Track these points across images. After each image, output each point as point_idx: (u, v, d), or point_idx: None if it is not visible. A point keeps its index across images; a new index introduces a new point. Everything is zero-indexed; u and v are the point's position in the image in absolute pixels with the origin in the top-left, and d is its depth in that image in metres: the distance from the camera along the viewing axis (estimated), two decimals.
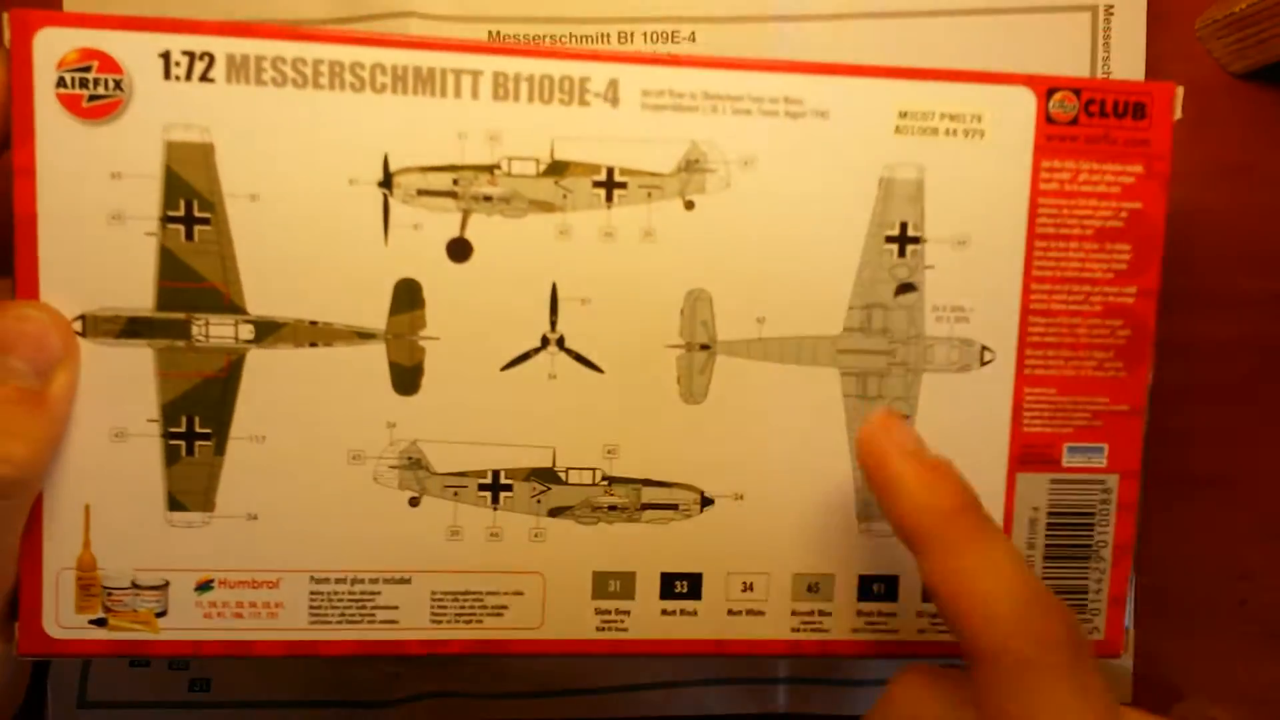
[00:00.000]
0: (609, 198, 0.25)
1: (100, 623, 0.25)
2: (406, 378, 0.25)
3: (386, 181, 0.25)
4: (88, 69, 0.23)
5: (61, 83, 0.23)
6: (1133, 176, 0.27)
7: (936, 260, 0.27)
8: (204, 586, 0.25)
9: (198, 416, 0.25)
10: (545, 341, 0.26)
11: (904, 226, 0.26)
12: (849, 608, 0.28)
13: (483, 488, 0.26)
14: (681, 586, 0.27)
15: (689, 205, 0.26)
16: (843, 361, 0.27)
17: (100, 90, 0.23)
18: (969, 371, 0.27)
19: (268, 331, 0.25)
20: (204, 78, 0.24)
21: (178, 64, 0.24)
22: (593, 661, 0.26)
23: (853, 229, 0.26)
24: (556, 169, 0.25)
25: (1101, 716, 0.21)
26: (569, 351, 0.26)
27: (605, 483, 0.26)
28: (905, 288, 0.27)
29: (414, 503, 0.26)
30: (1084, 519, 0.28)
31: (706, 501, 0.27)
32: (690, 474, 0.26)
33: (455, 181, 0.25)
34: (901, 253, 0.26)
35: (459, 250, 0.25)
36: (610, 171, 0.25)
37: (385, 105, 0.24)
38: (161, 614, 0.25)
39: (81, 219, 0.24)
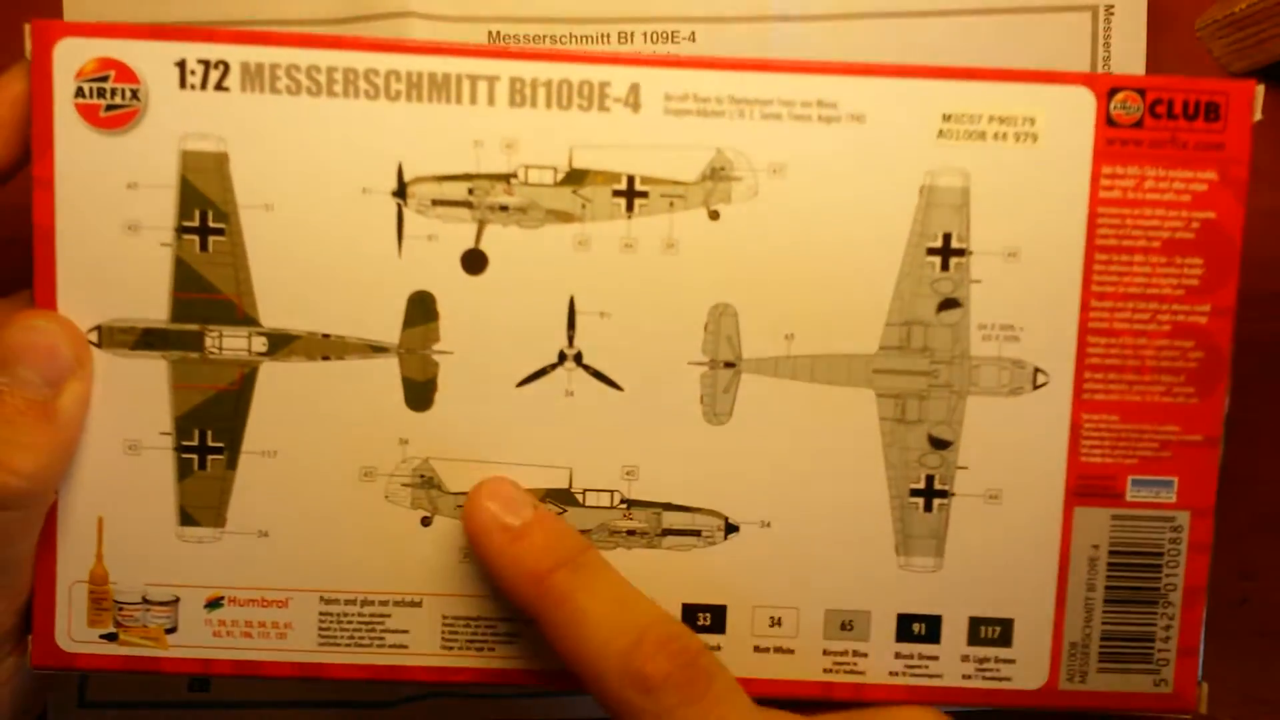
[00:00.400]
0: (629, 207, 0.25)
1: (111, 637, 0.25)
2: (419, 393, 0.25)
3: (400, 191, 0.25)
4: (105, 79, 0.24)
5: (80, 93, 0.24)
6: (1205, 184, 0.25)
7: (984, 274, 0.25)
8: (214, 604, 0.25)
9: (210, 430, 0.25)
10: (562, 357, 0.25)
11: (947, 238, 0.25)
12: (886, 649, 0.26)
13: None
14: (704, 619, 0.26)
15: (714, 215, 0.25)
16: (879, 382, 0.25)
17: (117, 100, 0.24)
18: (1020, 395, 0.26)
19: (281, 344, 0.25)
20: (219, 86, 0.24)
21: (193, 73, 0.24)
22: None
23: (891, 240, 0.25)
24: (575, 178, 0.25)
25: None
26: (587, 368, 0.25)
27: (624, 506, 0.26)
28: (949, 303, 0.25)
29: (426, 522, 0.25)
30: (1151, 559, 0.26)
31: (731, 528, 0.26)
32: (714, 499, 0.26)
33: (470, 191, 0.25)
34: (945, 266, 0.25)
35: (474, 262, 0.25)
36: (631, 180, 0.25)
37: (400, 113, 0.24)
38: (171, 630, 0.25)
39: (98, 230, 0.24)
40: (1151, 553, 0.26)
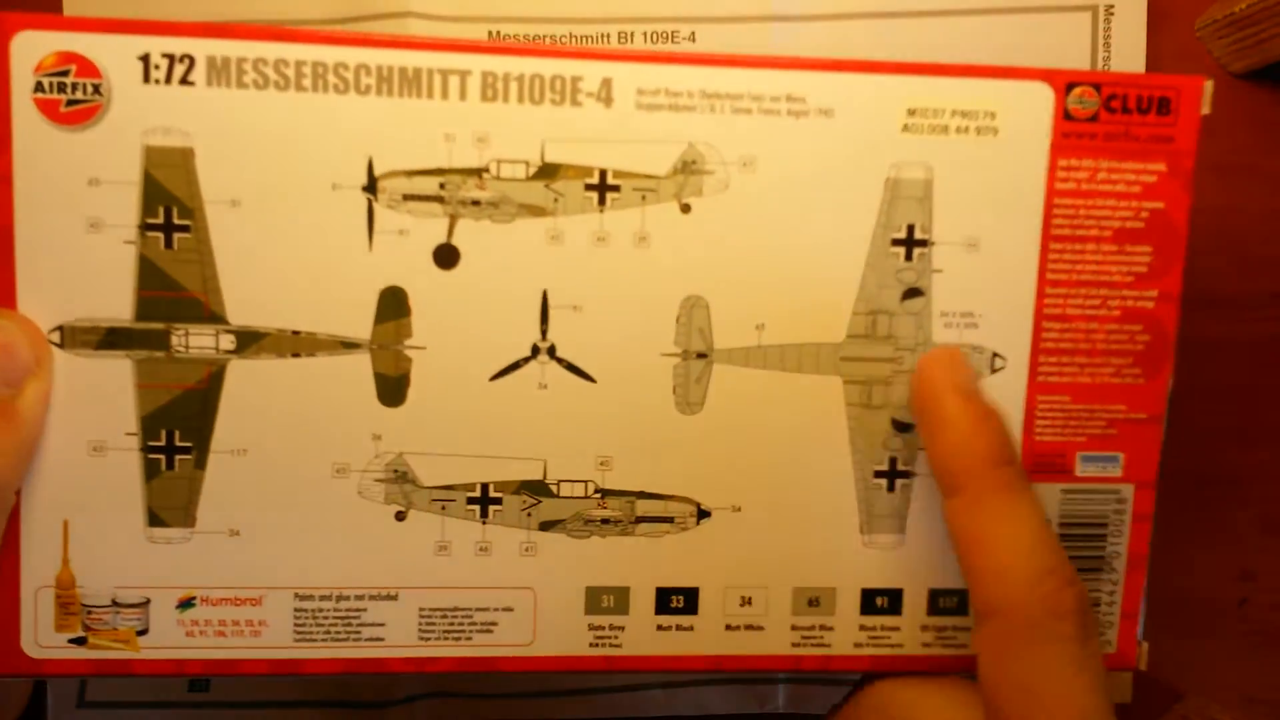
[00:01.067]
0: (601, 201, 0.27)
1: (80, 641, 0.27)
2: (392, 388, 0.28)
3: (371, 186, 0.27)
4: (65, 73, 0.25)
5: (39, 87, 0.25)
6: (1155, 175, 0.29)
7: (945, 264, 0.29)
8: (186, 604, 0.28)
9: (178, 429, 0.27)
10: (536, 350, 0.28)
11: (911, 229, 0.28)
12: (851, 622, 0.30)
13: (471, 501, 0.28)
14: (677, 601, 0.29)
15: (685, 208, 0.28)
16: (846, 370, 0.29)
17: (79, 95, 0.25)
18: (979, 378, 0.29)
19: (249, 342, 0.27)
20: (184, 81, 0.26)
21: (157, 67, 0.26)
22: None
23: (857, 232, 0.28)
24: (547, 172, 0.27)
25: (1096, 697, 0.24)
26: (560, 360, 0.28)
27: (598, 495, 0.28)
28: (912, 293, 0.29)
29: (400, 517, 0.28)
30: (1097, 529, 0.30)
31: (703, 514, 0.29)
32: (686, 486, 0.29)
33: (442, 185, 0.27)
34: (908, 256, 0.28)
35: (446, 257, 0.27)
36: (603, 174, 0.27)
37: (369, 107, 0.26)
38: (143, 632, 0.28)
39: (59, 227, 0.26)
40: (1098, 523, 0.30)
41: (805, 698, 0.37)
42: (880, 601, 0.30)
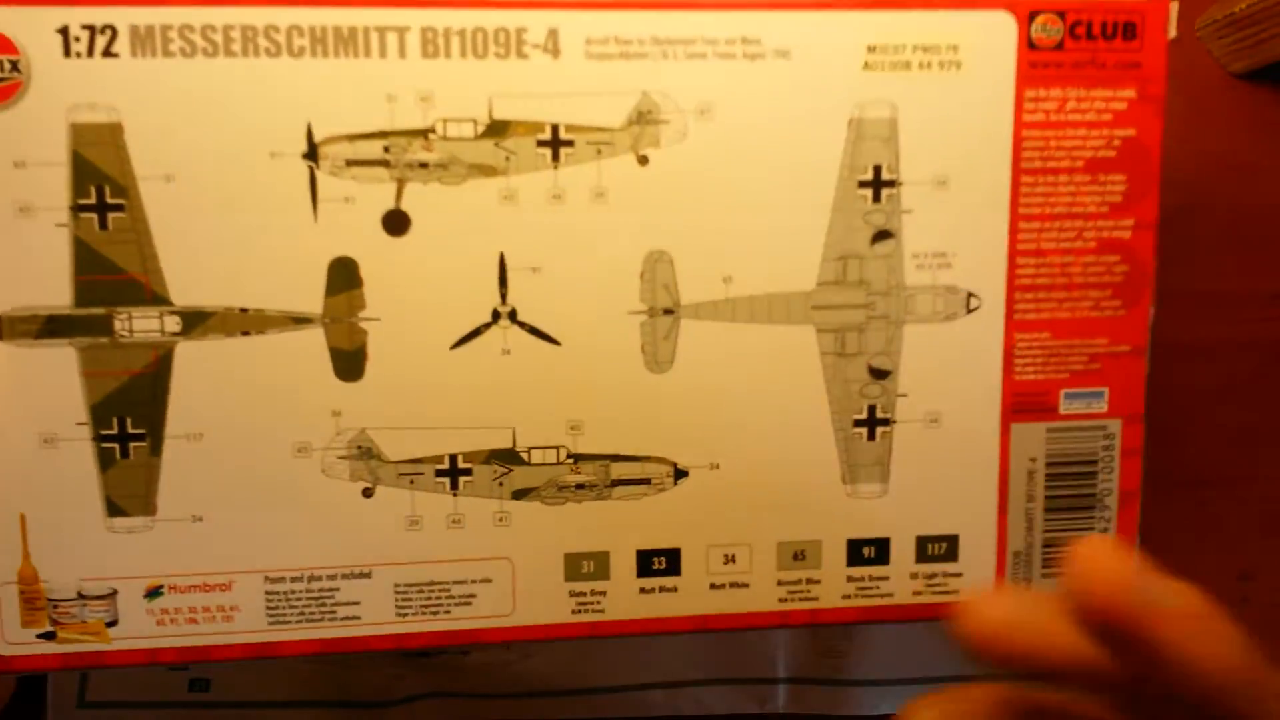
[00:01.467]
0: (555, 157, 0.26)
1: (49, 636, 0.26)
2: (349, 363, 0.26)
3: (311, 153, 0.25)
4: None
5: None
6: (1125, 102, 0.27)
7: (915, 204, 0.27)
8: (153, 593, 0.27)
9: (129, 416, 0.26)
10: (496, 315, 0.26)
11: (878, 170, 0.27)
12: (838, 573, 0.29)
13: (440, 473, 0.27)
14: (659, 563, 0.28)
15: (643, 160, 0.26)
16: (818, 318, 0.27)
17: None
18: (955, 320, 0.28)
19: (196, 322, 0.26)
20: (107, 53, 0.24)
21: (77, 39, 0.24)
22: (593, 662, 0.28)
23: (822, 176, 0.27)
24: (496, 129, 0.26)
25: None
26: (522, 324, 0.27)
27: (571, 460, 0.27)
28: (882, 235, 0.27)
29: (367, 493, 0.27)
30: (1086, 467, 0.29)
31: (680, 473, 0.28)
32: (661, 446, 0.28)
33: (386, 149, 0.25)
34: (876, 198, 0.27)
35: (395, 223, 0.26)
36: (555, 129, 0.26)
37: (305, 70, 0.25)
38: (112, 623, 0.27)
39: None
40: (1086, 460, 0.29)
41: (805, 698, 0.37)
42: (867, 552, 0.29)
